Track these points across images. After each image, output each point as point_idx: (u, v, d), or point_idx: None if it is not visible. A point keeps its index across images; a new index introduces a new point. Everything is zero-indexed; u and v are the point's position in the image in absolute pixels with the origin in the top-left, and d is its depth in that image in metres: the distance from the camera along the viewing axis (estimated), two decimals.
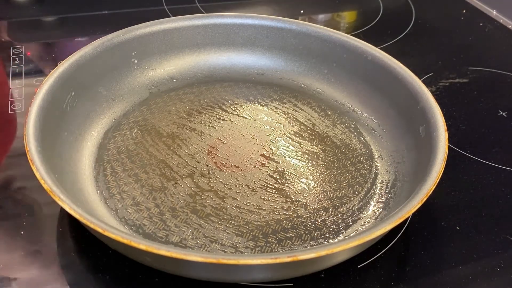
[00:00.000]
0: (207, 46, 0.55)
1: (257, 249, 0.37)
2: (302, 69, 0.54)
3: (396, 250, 0.39)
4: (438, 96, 0.56)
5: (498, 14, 0.74)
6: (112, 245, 0.36)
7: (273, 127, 0.49)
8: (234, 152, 0.46)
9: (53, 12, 0.69)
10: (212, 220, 0.39)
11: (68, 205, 0.32)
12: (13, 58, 0.58)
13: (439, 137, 0.40)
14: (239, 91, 0.53)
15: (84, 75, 0.46)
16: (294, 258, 0.30)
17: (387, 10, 0.74)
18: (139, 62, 0.52)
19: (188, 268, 0.34)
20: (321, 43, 0.53)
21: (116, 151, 0.45)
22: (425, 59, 0.63)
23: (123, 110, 0.49)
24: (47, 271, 0.36)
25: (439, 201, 0.43)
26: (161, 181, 0.42)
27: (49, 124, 0.40)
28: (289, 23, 0.54)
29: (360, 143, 0.47)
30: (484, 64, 0.63)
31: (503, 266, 0.39)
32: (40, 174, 0.34)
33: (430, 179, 0.36)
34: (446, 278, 0.38)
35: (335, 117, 0.50)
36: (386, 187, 0.43)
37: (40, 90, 0.41)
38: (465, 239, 0.40)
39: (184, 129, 0.48)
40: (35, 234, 0.39)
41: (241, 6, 0.73)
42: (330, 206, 0.41)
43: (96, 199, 0.40)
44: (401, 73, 0.47)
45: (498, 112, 0.55)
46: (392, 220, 0.33)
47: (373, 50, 0.50)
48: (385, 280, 0.37)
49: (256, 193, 0.42)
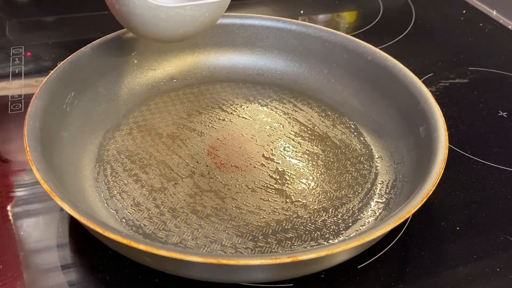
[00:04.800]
0: (207, 46, 0.55)
1: (257, 250, 0.37)
2: (302, 69, 0.54)
3: (396, 251, 0.39)
4: (438, 96, 0.56)
5: (498, 14, 0.74)
6: (112, 246, 0.36)
7: (273, 127, 0.49)
8: (234, 153, 0.46)
9: (53, 12, 0.69)
10: (212, 220, 0.39)
11: (68, 205, 0.32)
12: (13, 58, 0.58)
13: (439, 137, 0.40)
14: (239, 92, 0.53)
15: (84, 75, 0.46)
16: (294, 258, 0.30)
17: (387, 10, 0.74)
18: (139, 62, 0.52)
19: (188, 268, 0.34)
20: (321, 43, 0.53)
21: (116, 151, 0.45)
22: (425, 59, 0.63)
23: (123, 110, 0.49)
24: (47, 271, 0.36)
25: (439, 201, 0.43)
26: (161, 182, 0.42)
27: (49, 124, 0.40)
28: (289, 23, 0.54)
29: (360, 143, 0.47)
30: (484, 64, 0.63)
31: (503, 266, 0.39)
32: (40, 174, 0.34)
33: (430, 179, 0.36)
34: (446, 278, 0.37)
35: (335, 117, 0.50)
36: (386, 188, 0.43)
37: (40, 90, 0.41)
38: (465, 239, 0.40)
39: (184, 129, 0.48)
40: (35, 234, 0.39)
41: (241, 6, 0.73)
42: (330, 206, 0.41)
43: (96, 199, 0.40)
44: (401, 73, 0.47)
45: (498, 113, 0.55)
46: (392, 220, 0.33)
47: (373, 50, 0.50)
48: (385, 280, 0.37)
49: (256, 193, 0.42)
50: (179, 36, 0.43)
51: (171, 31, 0.41)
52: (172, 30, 0.41)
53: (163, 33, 0.42)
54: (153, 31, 0.41)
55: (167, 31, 0.41)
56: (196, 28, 0.41)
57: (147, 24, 0.40)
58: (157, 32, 0.41)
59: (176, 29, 0.41)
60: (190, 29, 0.41)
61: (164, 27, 0.40)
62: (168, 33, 0.42)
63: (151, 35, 0.43)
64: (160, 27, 0.40)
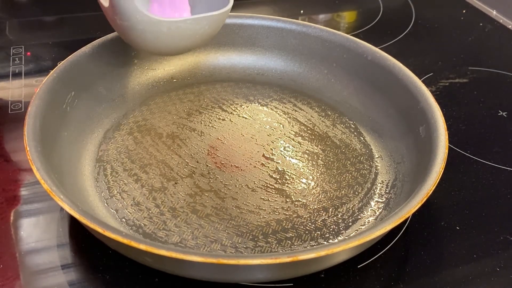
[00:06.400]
0: (207, 46, 0.55)
1: (257, 249, 0.37)
2: (302, 69, 0.54)
3: (396, 250, 0.39)
4: (438, 96, 0.56)
5: (498, 14, 0.74)
6: (112, 245, 0.36)
7: (273, 127, 0.49)
8: (234, 152, 0.46)
9: (53, 12, 0.69)
10: (212, 220, 0.39)
11: (68, 205, 0.32)
12: (13, 58, 0.58)
13: (439, 137, 0.40)
14: (239, 91, 0.53)
15: (84, 75, 0.46)
16: (294, 258, 0.30)
17: (387, 10, 0.74)
18: (139, 62, 0.52)
19: (188, 268, 0.34)
20: (321, 43, 0.53)
21: (116, 151, 0.45)
22: (425, 59, 0.63)
23: (123, 110, 0.49)
24: (47, 271, 0.36)
25: (439, 201, 0.43)
26: (161, 181, 0.42)
27: (49, 124, 0.40)
28: (289, 23, 0.54)
29: (360, 143, 0.47)
30: (484, 64, 0.63)
31: (503, 266, 0.39)
32: (40, 174, 0.34)
33: (430, 179, 0.36)
34: (446, 278, 0.37)
35: (335, 117, 0.50)
36: (386, 187, 0.43)
37: (40, 90, 0.41)
38: (465, 239, 0.40)
39: (184, 129, 0.48)
40: (35, 234, 0.39)
41: (241, 6, 0.73)
42: (330, 206, 0.41)
43: (96, 199, 0.40)
44: (401, 73, 0.47)
45: (498, 112, 0.55)
46: (392, 220, 0.33)
47: (373, 50, 0.50)
48: (385, 280, 0.37)
49: (256, 193, 0.42)
50: (180, 49, 0.43)
51: (172, 44, 0.41)
52: (173, 43, 0.41)
53: (165, 47, 0.42)
54: (154, 45, 0.41)
55: (168, 45, 0.41)
56: (196, 41, 0.42)
57: (148, 39, 0.40)
58: (158, 46, 0.42)
59: (177, 43, 0.41)
60: (190, 42, 0.42)
61: (165, 41, 0.41)
62: (169, 47, 0.42)
63: (152, 49, 0.43)
64: (161, 41, 0.41)
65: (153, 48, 0.42)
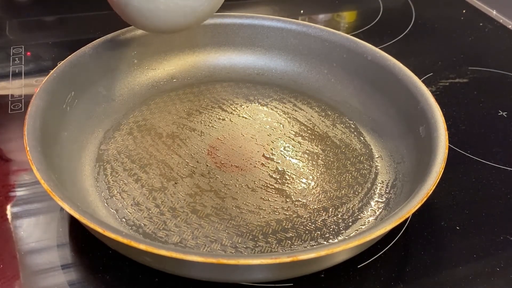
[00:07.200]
0: (207, 46, 0.55)
1: (257, 249, 0.37)
2: (302, 69, 0.54)
3: (396, 250, 0.39)
4: (438, 96, 0.56)
5: (498, 14, 0.74)
6: (112, 245, 0.36)
7: (273, 127, 0.49)
8: (234, 152, 0.46)
9: (53, 12, 0.69)
10: (212, 220, 0.39)
11: (68, 205, 0.32)
12: (13, 58, 0.58)
13: (439, 137, 0.40)
14: (239, 91, 0.53)
15: (84, 75, 0.46)
16: (294, 258, 0.30)
17: (387, 10, 0.74)
18: (139, 62, 0.52)
19: (188, 268, 0.34)
20: (321, 43, 0.53)
21: (116, 151, 0.45)
22: (425, 59, 0.63)
23: (123, 110, 0.49)
24: (47, 271, 0.36)
25: (439, 201, 0.43)
26: (161, 181, 0.42)
27: (49, 124, 0.40)
28: (289, 23, 0.54)
29: (360, 143, 0.47)
30: (484, 64, 0.63)
31: (503, 266, 0.39)
32: (40, 174, 0.34)
33: (430, 179, 0.36)
34: (446, 278, 0.37)
35: (335, 117, 0.50)
36: (386, 187, 0.43)
37: (40, 90, 0.41)
38: (465, 239, 0.40)
39: (184, 129, 0.48)
40: (35, 233, 0.39)
41: (241, 6, 0.73)
42: (330, 206, 0.41)
43: (96, 199, 0.40)
44: (401, 73, 0.47)
45: (498, 112, 0.55)
46: (392, 220, 0.33)
47: (373, 50, 0.50)
48: (385, 280, 0.37)
49: (256, 193, 0.42)
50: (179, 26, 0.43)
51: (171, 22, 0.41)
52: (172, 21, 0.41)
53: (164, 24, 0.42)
54: (153, 23, 0.41)
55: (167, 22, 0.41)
56: (196, 18, 0.41)
57: (147, 16, 0.40)
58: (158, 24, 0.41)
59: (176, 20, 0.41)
60: (190, 19, 0.41)
61: (164, 18, 0.40)
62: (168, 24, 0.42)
63: (151, 27, 0.43)
64: (160, 18, 0.40)
65: (152, 26, 0.42)
